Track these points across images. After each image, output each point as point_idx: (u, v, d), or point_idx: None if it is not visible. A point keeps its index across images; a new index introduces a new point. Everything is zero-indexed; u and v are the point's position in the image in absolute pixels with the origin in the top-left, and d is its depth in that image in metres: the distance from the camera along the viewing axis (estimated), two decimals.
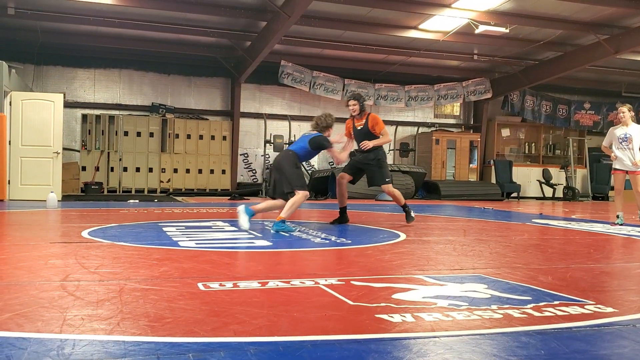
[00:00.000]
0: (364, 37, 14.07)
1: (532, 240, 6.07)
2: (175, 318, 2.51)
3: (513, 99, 17.82)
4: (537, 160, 18.96)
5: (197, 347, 2.12)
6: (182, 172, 15.40)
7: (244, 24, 13.06)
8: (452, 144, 17.34)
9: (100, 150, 14.78)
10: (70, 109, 14.71)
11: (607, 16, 12.36)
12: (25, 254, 4.29)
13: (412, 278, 3.58)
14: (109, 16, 12.50)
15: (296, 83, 15.75)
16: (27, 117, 11.35)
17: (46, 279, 3.33)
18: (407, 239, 5.74)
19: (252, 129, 16.62)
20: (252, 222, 6.33)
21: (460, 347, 2.21)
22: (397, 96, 16.87)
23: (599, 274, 3.90)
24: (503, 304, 2.90)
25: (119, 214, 8.18)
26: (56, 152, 11.49)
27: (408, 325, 2.48)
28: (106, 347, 2.10)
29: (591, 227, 7.56)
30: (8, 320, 2.43)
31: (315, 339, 2.28)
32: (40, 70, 14.79)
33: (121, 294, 2.97)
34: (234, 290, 3.11)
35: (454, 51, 15.25)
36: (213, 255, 4.45)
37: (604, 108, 18.82)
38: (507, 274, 3.80)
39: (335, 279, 3.43)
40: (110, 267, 3.76)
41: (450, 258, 4.55)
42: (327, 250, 4.92)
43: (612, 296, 3.18)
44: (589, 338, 2.37)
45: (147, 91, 15.76)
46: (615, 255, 4.95)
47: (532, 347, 2.22)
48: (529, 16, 12.34)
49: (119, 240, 5.12)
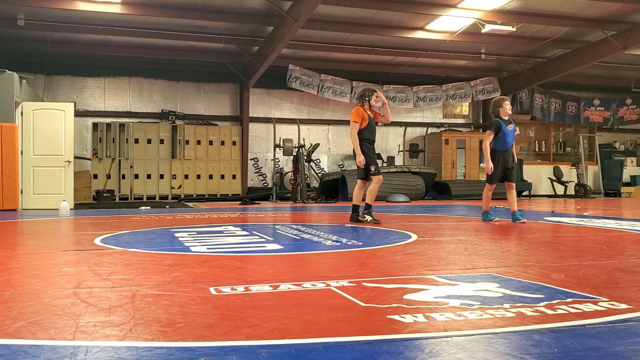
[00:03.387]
0: (371, 39, 14.07)
1: (544, 238, 6.03)
2: (187, 323, 2.51)
3: (522, 97, 17.74)
4: (548, 158, 18.85)
5: (210, 351, 2.13)
6: (192, 178, 15.47)
7: (251, 29, 13.12)
8: (462, 143, 17.28)
9: (111, 158, 14.88)
10: (81, 118, 14.83)
11: (615, 12, 12.28)
12: (38, 262, 4.33)
13: (424, 278, 3.56)
14: (118, 25, 12.60)
15: (304, 87, 15.78)
16: (38, 127, 11.45)
17: (59, 287, 3.35)
18: (419, 239, 5.73)
19: (261, 134, 16.67)
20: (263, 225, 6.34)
21: (472, 346, 2.20)
22: (405, 97, 16.85)
23: (612, 271, 3.87)
24: (515, 302, 2.89)
25: (131, 221, 8.22)
26: (68, 160, 11.58)
27: (420, 326, 2.47)
28: (119, 353, 2.11)
29: (604, 223, 7.50)
30: (22, 328, 2.45)
31: (327, 340, 2.28)
32: (50, 80, 14.92)
33: (133, 300, 2.98)
34: (246, 294, 3.11)
35: (461, 51, 15.22)
36: (225, 260, 4.46)
37: (613, 104, 18.68)
38: (520, 272, 3.77)
39: (347, 281, 3.43)
40: (122, 274, 3.78)
41: (462, 257, 4.53)
42: (339, 253, 4.92)
43: (626, 292, 3.15)
44: (602, 335, 2.35)
45: (157, 98, 15.85)
46: (629, 252, 4.90)
47: (546, 346, 2.20)
48: (536, 14, 12.30)
49: (131, 247, 5.15)
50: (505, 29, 12.54)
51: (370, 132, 7.63)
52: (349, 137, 18.18)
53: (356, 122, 7.51)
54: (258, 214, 9.86)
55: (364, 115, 7.56)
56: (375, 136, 7.79)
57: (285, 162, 16.41)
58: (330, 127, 17.37)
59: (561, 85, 18.26)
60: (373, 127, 7.67)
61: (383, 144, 17.71)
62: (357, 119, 7.51)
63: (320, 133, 17.20)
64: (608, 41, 13.24)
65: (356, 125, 7.50)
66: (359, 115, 7.52)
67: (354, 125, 7.53)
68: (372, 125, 7.64)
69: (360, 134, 7.53)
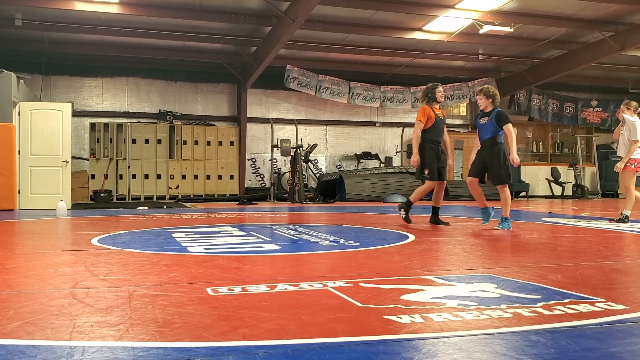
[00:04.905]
0: (368, 40, 14.07)
1: (541, 238, 6.03)
2: (184, 323, 2.51)
3: (519, 98, 17.76)
4: (545, 158, 18.88)
5: (206, 352, 2.13)
6: (190, 178, 15.45)
7: (249, 29, 13.11)
8: (460, 144, 17.30)
9: (108, 158, 14.86)
10: (78, 118, 14.81)
11: (612, 13, 12.30)
12: (35, 262, 4.32)
13: (421, 279, 3.57)
14: (115, 25, 12.59)
15: (302, 87, 15.78)
16: (35, 127, 11.43)
17: (56, 287, 3.35)
18: (416, 240, 5.73)
19: (259, 134, 16.66)
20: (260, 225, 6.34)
21: (469, 347, 2.21)
22: (403, 98, 16.86)
23: (609, 272, 3.87)
24: (512, 303, 2.89)
25: (128, 221, 8.21)
26: (65, 161, 11.56)
27: (417, 326, 2.47)
28: (115, 353, 2.11)
29: (601, 224, 7.51)
30: (18, 328, 2.45)
31: (324, 341, 2.28)
32: (48, 80, 14.90)
33: (130, 300, 2.98)
34: (243, 295, 3.11)
35: (459, 52, 15.23)
36: (222, 260, 4.46)
37: (611, 105, 18.71)
38: (517, 273, 3.78)
39: (344, 282, 3.43)
40: (119, 274, 3.78)
41: (459, 258, 4.54)
42: (336, 253, 4.92)
43: (623, 293, 3.16)
44: (599, 336, 2.35)
45: (155, 98, 15.84)
46: (626, 253, 4.91)
47: (542, 346, 2.21)
48: (533, 15, 12.31)
49: (128, 247, 5.14)
50: (503, 29, 12.56)
51: (436, 133, 7.34)
52: (346, 137, 18.20)
53: (420, 121, 7.26)
54: (255, 214, 9.86)
55: (430, 114, 7.28)
56: (441, 137, 7.44)
57: (283, 162, 16.41)
58: (328, 127, 17.37)
59: (559, 86, 18.28)
60: (440, 127, 7.37)
61: (381, 145, 17.72)
62: (422, 118, 7.25)
63: (318, 133, 17.20)
64: (606, 42, 13.26)
65: (420, 125, 7.25)
66: (424, 115, 7.26)
67: (417, 124, 7.29)
68: (439, 125, 7.35)
69: (424, 134, 7.28)
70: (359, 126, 17.66)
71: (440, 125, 7.38)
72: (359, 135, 17.67)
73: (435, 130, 7.33)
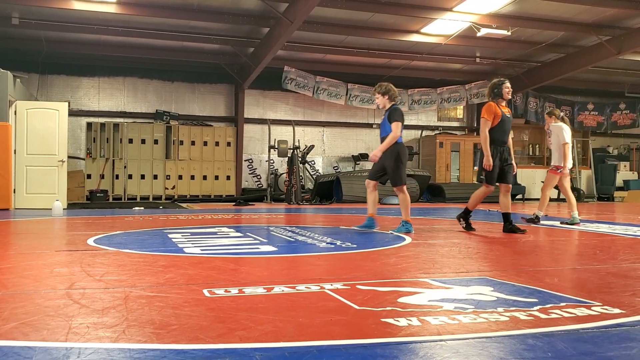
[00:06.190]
0: (366, 42, 14.09)
1: (537, 242, 6.04)
2: (181, 325, 2.50)
3: (516, 101, 17.80)
4: (542, 161, 18.91)
5: (203, 354, 2.12)
6: (186, 179, 15.44)
7: (247, 30, 13.10)
8: (456, 146, 17.32)
9: (105, 158, 14.83)
10: (75, 118, 14.78)
11: (609, 17, 12.35)
12: (30, 262, 4.30)
13: (418, 281, 3.56)
14: (113, 25, 12.57)
15: (300, 88, 15.78)
16: (32, 126, 11.40)
17: (52, 288, 3.33)
18: (413, 242, 5.73)
19: (256, 135, 16.65)
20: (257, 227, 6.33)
21: (466, 350, 2.20)
22: (400, 100, 16.83)
23: (605, 275, 3.88)
24: (509, 306, 2.89)
25: (124, 222, 8.19)
26: (61, 160, 11.53)
27: (414, 329, 2.47)
28: (111, 355, 2.10)
29: (597, 228, 7.53)
30: (13, 329, 2.44)
31: (321, 344, 2.27)
32: (44, 79, 14.86)
33: (126, 301, 2.97)
34: (240, 296, 3.10)
35: (456, 54, 15.26)
36: (218, 262, 4.45)
37: (607, 109, 18.78)
38: (513, 276, 3.78)
39: (341, 284, 3.43)
40: (115, 275, 3.76)
41: (455, 261, 4.54)
42: (333, 255, 4.91)
43: (619, 297, 3.16)
44: (596, 339, 2.35)
45: (151, 98, 15.82)
46: (622, 256, 4.92)
47: (539, 350, 2.21)
48: (531, 18, 12.34)
49: (125, 248, 5.13)
50: (500, 33, 12.59)
51: (502, 132, 6.75)
52: (343, 139, 18.22)
53: (487, 119, 6.71)
54: (252, 215, 9.85)
55: (497, 111, 6.72)
56: (507, 137, 6.85)
57: (279, 163, 16.40)
58: (325, 128, 17.38)
59: (555, 90, 18.33)
60: (506, 126, 6.79)
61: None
62: (488, 116, 6.70)
63: (315, 135, 17.20)
64: (602, 46, 13.31)
65: (487, 123, 6.68)
66: (490, 112, 6.70)
67: (484, 122, 6.73)
68: (505, 123, 6.77)
69: (489, 133, 6.69)
70: (356, 128, 17.68)
71: (507, 124, 6.81)
72: (356, 137, 17.68)
73: (501, 130, 6.75)
